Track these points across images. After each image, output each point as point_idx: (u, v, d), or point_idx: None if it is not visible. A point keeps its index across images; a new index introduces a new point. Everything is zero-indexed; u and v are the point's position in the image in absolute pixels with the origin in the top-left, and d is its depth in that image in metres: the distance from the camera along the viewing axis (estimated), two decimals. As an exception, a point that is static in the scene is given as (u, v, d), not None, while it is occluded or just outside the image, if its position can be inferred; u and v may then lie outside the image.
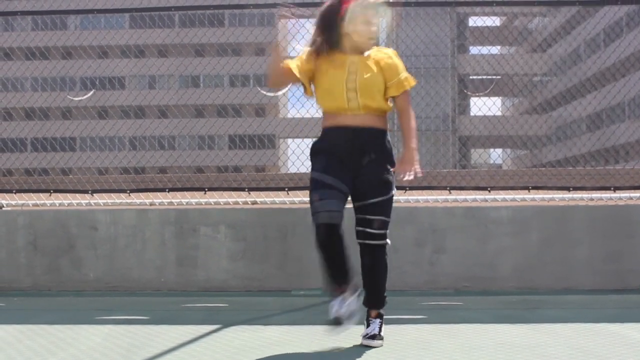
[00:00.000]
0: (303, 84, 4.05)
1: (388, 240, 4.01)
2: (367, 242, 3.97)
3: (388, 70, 3.97)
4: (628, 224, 6.05)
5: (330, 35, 3.97)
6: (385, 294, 4.08)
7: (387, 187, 3.95)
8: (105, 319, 4.83)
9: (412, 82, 4.03)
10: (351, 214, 4.05)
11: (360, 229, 3.97)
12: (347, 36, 3.96)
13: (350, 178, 3.93)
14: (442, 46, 54.16)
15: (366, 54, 4.00)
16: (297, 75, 3.99)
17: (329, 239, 3.80)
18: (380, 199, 3.93)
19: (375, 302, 4.06)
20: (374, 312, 4.07)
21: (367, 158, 3.93)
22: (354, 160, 3.92)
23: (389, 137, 4.03)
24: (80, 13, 7.04)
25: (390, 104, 4.05)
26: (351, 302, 3.85)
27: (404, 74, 4.01)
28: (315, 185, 3.91)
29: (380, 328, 4.01)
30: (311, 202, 3.89)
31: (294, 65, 4.00)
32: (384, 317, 4.09)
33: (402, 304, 4.50)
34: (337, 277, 3.87)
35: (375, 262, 4.01)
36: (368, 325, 4.02)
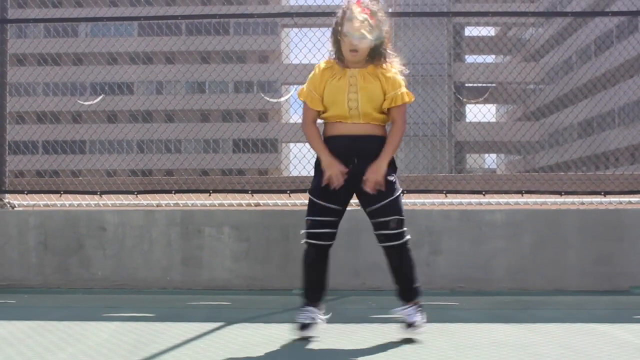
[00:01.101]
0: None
1: (408, 236, 4.14)
2: (389, 243, 4.11)
3: (386, 83, 4.09)
4: (618, 227, 6.10)
5: (336, 47, 4.13)
6: (417, 285, 4.20)
7: (391, 188, 4.08)
8: (113, 316, 4.91)
9: (408, 97, 4.13)
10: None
11: (378, 232, 4.12)
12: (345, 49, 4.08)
13: (348, 192, 4.13)
14: (438, 55, 54.00)
15: (367, 67, 4.10)
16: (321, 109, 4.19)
17: (314, 260, 4.16)
18: (388, 199, 4.06)
19: (408, 296, 4.19)
20: (409, 303, 4.18)
21: (367, 164, 4.06)
22: (354, 168, 4.08)
23: None
24: (91, 21, 7.13)
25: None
26: (317, 316, 4.16)
27: (402, 89, 4.11)
28: (310, 206, 4.16)
29: (418, 315, 4.13)
30: (306, 220, 4.14)
31: (316, 105, 4.19)
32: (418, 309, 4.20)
33: (400, 304, 4.60)
34: (312, 294, 4.21)
35: (401, 260, 4.16)
36: (406, 321, 4.12)
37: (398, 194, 4.12)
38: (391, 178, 4.10)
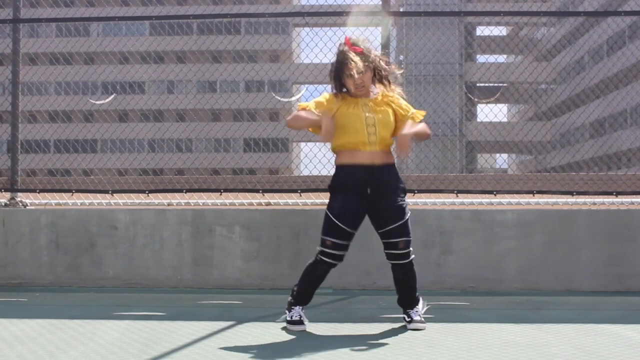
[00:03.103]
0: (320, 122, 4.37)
1: (413, 255, 4.48)
2: (397, 262, 4.45)
3: (399, 107, 4.50)
4: (629, 228, 6.08)
5: (338, 85, 4.46)
6: (418, 294, 4.60)
7: (403, 211, 4.42)
8: (124, 315, 4.94)
9: (421, 116, 4.52)
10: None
11: (388, 251, 4.46)
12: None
13: (363, 214, 4.45)
14: (450, 55, 53.87)
15: (372, 96, 4.48)
16: (317, 113, 4.36)
17: (323, 275, 4.53)
18: (400, 222, 4.39)
19: (409, 304, 4.59)
20: (412, 309, 4.58)
21: (384, 191, 4.41)
22: (371, 194, 4.40)
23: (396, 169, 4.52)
24: (103, 20, 7.16)
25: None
26: (303, 315, 4.52)
27: (413, 110, 4.53)
28: (330, 227, 4.41)
29: (420, 314, 4.54)
30: (323, 240, 4.44)
31: (312, 106, 4.42)
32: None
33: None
34: (304, 298, 4.59)
35: (406, 276, 4.51)
36: (409, 316, 4.53)
37: (407, 217, 4.43)
38: (402, 203, 4.43)
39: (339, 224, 4.36)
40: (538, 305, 5.37)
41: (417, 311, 4.54)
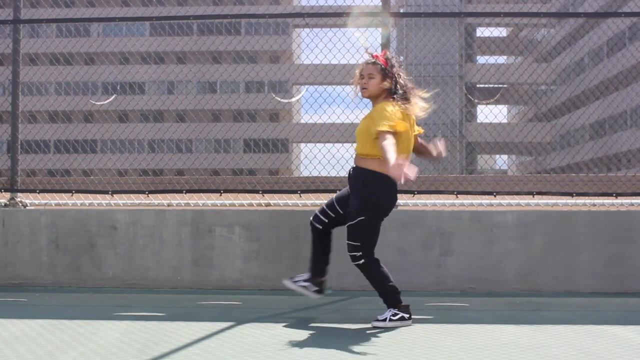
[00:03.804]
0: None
1: (362, 260, 4.58)
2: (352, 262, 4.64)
3: (372, 120, 4.57)
4: (629, 229, 6.07)
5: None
6: (391, 296, 4.61)
7: (354, 215, 4.56)
8: (124, 315, 4.94)
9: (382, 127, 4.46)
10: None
11: None
12: None
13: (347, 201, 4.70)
14: (450, 56, 53.95)
15: (380, 104, 4.62)
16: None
17: (313, 237, 4.85)
18: (348, 224, 4.60)
19: (385, 302, 4.65)
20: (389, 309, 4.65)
21: (351, 190, 4.66)
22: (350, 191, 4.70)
23: (372, 176, 4.54)
24: (103, 21, 7.16)
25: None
26: (303, 284, 4.83)
27: (383, 122, 4.47)
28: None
29: (391, 316, 4.57)
30: None
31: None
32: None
33: (410, 305, 4.63)
34: (311, 263, 4.86)
35: (367, 278, 4.66)
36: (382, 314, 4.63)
37: (357, 221, 4.55)
38: (357, 207, 4.56)
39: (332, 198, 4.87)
40: (538, 307, 5.37)
41: (389, 312, 4.59)
